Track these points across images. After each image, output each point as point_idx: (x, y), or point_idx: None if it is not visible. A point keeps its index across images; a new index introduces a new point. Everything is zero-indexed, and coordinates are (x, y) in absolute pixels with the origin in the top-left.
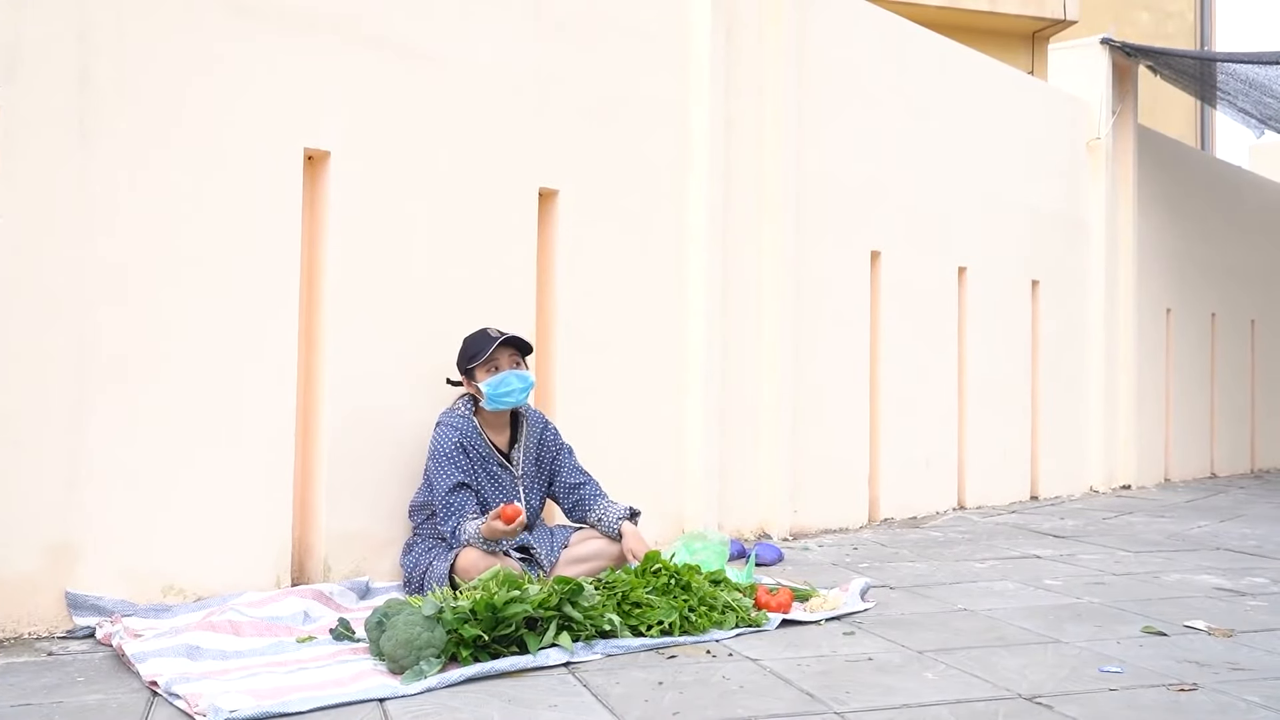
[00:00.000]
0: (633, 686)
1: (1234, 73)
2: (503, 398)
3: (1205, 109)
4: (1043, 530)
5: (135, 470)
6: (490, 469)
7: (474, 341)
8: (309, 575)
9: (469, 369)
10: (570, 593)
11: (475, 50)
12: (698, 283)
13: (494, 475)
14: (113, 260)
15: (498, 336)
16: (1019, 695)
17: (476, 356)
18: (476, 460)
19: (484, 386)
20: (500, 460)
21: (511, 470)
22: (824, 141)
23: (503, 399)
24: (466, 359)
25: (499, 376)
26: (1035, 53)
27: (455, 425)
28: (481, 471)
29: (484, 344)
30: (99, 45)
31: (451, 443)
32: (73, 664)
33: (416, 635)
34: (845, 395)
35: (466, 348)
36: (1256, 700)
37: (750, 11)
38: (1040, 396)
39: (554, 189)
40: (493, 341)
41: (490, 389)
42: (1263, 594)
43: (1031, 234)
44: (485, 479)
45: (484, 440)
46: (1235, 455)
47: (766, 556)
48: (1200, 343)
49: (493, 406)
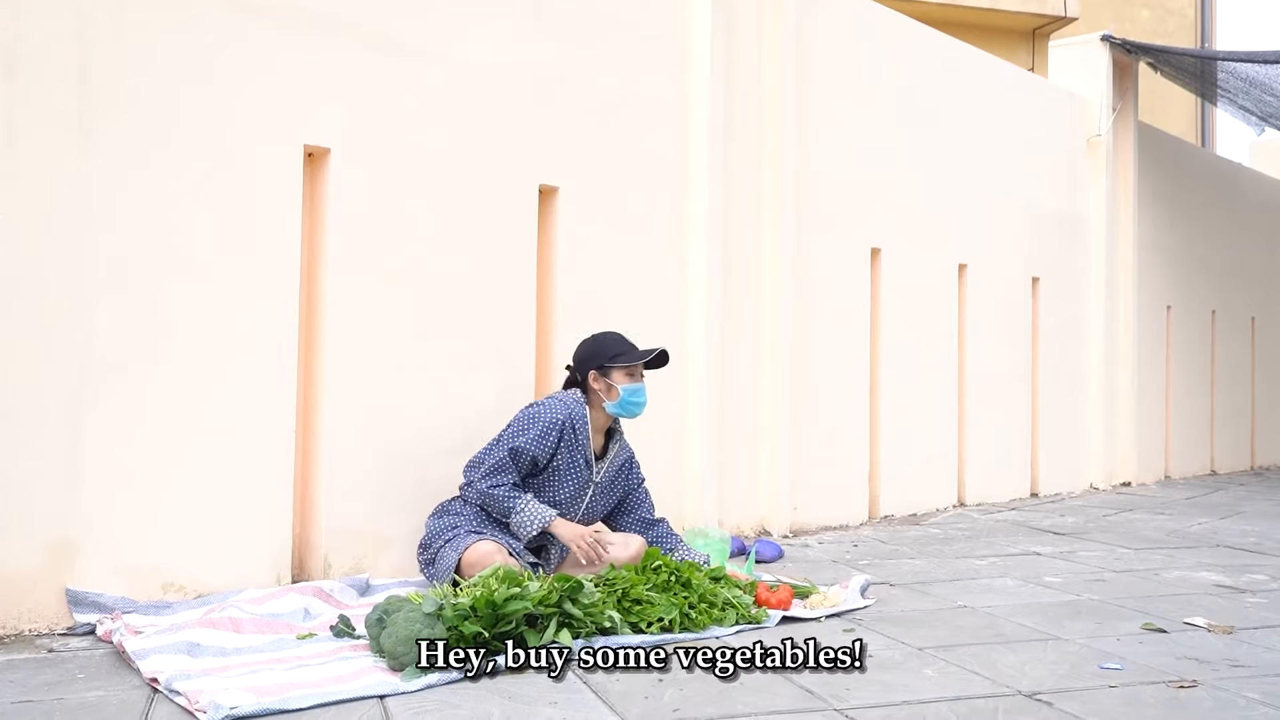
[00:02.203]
0: (633, 683)
1: (1234, 70)
2: (633, 407)
3: (1205, 106)
4: (1043, 527)
5: (135, 467)
6: (577, 458)
7: (617, 342)
8: (309, 572)
9: (607, 366)
10: (570, 590)
11: (475, 48)
12: (698, 279)
13: (577, 466)
14: (112, 257)
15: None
16: (1019, 692)
17: (621, 358)
18: (571, 445)
19: (622, 390)
20: (589, 457)
21: (593, 471)
22: (824, 138)
23: (632, 408)
24: (607, 356)
25: (638, 385)
26: (1035, 50)
27: (568, 405)
28: (567, 456)
29: (629, 348)
30: (98, 43)
31: (556, 417)
32: (73, 661)
33: (417, 632)
34: (845, 392)
35: (607, 345)
36: (1256, 697)
37: (750, 8)
38: (1040, 393)
39: (554, 186)
40: (639, 351)
41: (627, 394)
42: (1262, 591)
43: (1031, 231)
44: (568, 464)
45: (588, 430)
46: (1235, 452)
47: (767, 553)
48: (1200, 340)
49: (619, 411)
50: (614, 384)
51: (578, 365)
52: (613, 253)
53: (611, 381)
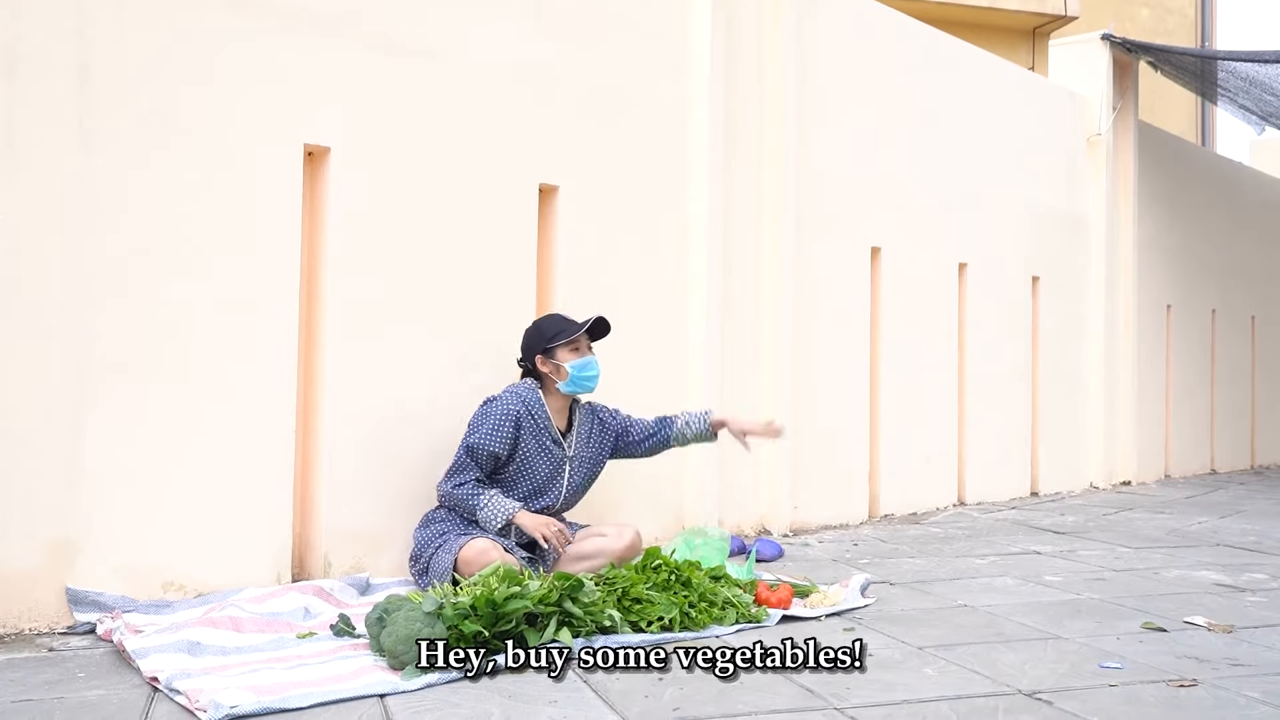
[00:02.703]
0: (633, 682)
1: (1234, 70)
2: (586, 380)
3: (1206, 105)
4: (1043, 526)
5: (135, 466)
6: (543, 440)
7: (554, 322)
8: (309, 571)
9: (549, 348)
10: (570, 589)
11: (475, 47)
12: (698, 277)
13: (545, 447)
14: (112, 257)
15: (578, 320)
16: (1019, 691)
17: (560, 336)
18: (532, 431)
19: (570, 366)
20: (556, 436)
21: (564, 448)
22: (824, 137)
23: (586, 381)
24: (547, 338)
25: (585, 359)
26: (1036, 49)
27: (519, 394)
28: (534, 441)
29: (567, 325)
30: (98, 43)
31: (509, 409)
32: (73, 660)
33: (417, 631)
34: (845, 391)
35: (545, 327)
36: (1256, 696)
37: (750, 8)
38: (1040, 392)
39: (554, 185)
40: (576, 325)
41: (576, 370)
42: (1262, 590)
43: (1031, 230)
44: (536, 449)
45: (546, 412)
46: (1235, 451)
47: (767, 552)
48: (1200, 339)
49: (572, 389)
50: (561, 363)
51: (524, 354)
52: (613, 252)
53: (558, 361)
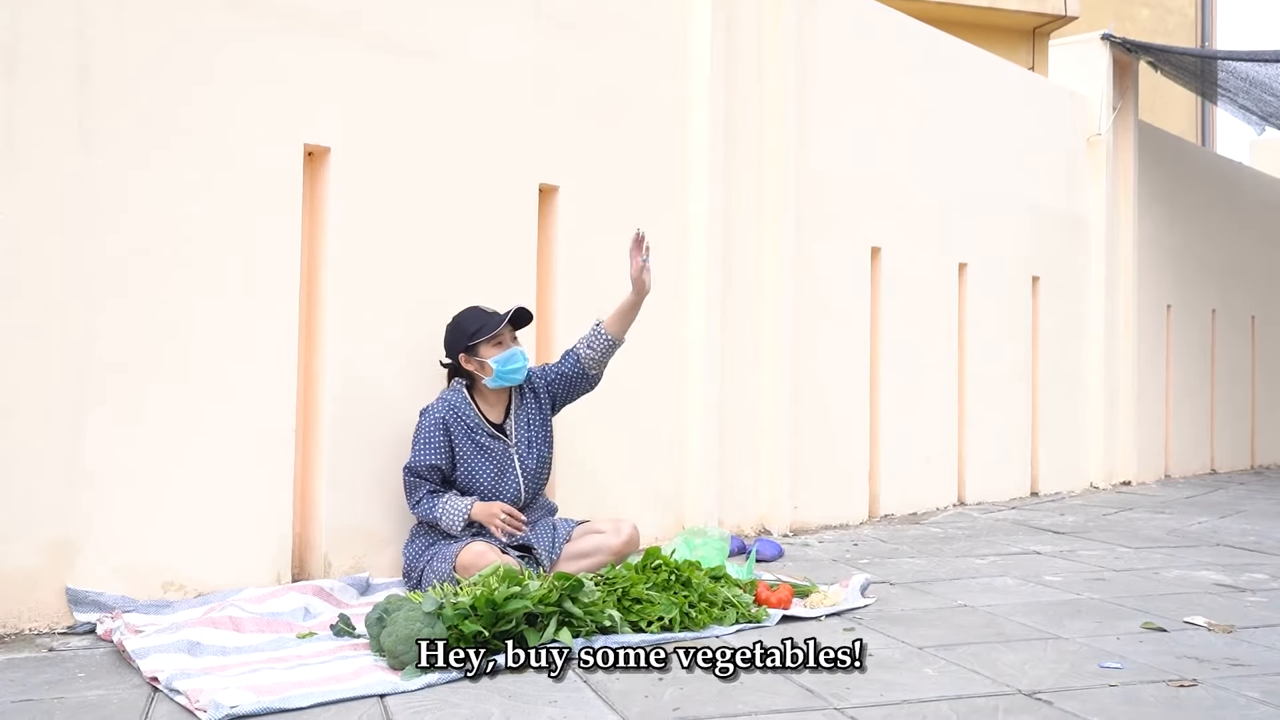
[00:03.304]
0: (633, 682)
1: (1234, 70)
2: (512, 374)
3: (1206, 105)
4: (1043, 526)
5: (135, 466)
6: (478, 439)
7: (473, 318)
8: (309, 571)
9: (472, 345)
10: (570, 589)
11: (475, 47)
12: (698, 278)
13: (482, 445)
14: (112, 257)
15: (499, 311)
16: (1019, 691)
17: (481, 332)
18: (462, 433)
19: (494, 363)
20: (491, 431)
21: (505, 440)
22: (824, 138)
23: (512, 375)
24: (468, 336)
25: (509, 352)
26: (1036, 49)
27: (442, 401)
28: (468, 443)
29: (488, 320)
30: (98, 43)
31: (431, 421)
32: (73, 660)
33: (417, 631)
34: (845, 391)
35: (465, 324)
36: (1256, 696)
37: (750, 8)
38: (1040, 392)
39: (554, 185)
40: (498, 317)
41: (500, 365)
42: (1262, 590)
43: (1031, 230)
44: (472, 450)
45: (473, 410)
46: (1235, 451)
47: (767, 552)
48: (1200, 339)
49: (499, 383)
50: (484, 360)
51: (448, 354)
52: (613, 251)
53: (482, 359)
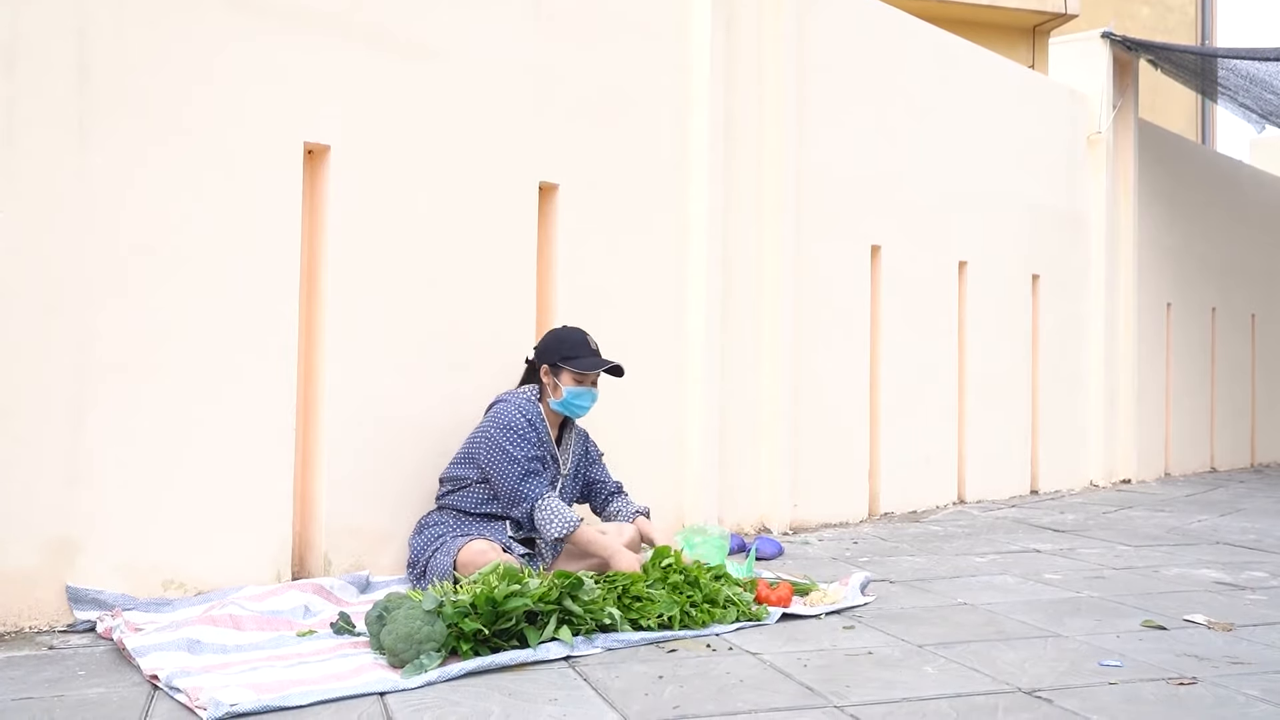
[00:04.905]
0: (633, 680)
1: (1235, 68)
2: (575, 409)
3: (1206, 103)
4: (1042, 525)
5: (135, 465)
6: (545, 456)
7: (575, 343)
8: (309, 569)
9: (559, 365)
10: (570, 587)
11: (475, 45)
12: (698, 276)
13: (545, 463)
14: (112, 256)
15: (601, 358)
16: (1019, 689)
17: (574, 361)
18: (537, 444)
19: (567, 391)
20: (554, 452)
21: (560, 465)
22: (824, 137)
23: (575, 409)
24: (560, 355)
25: (585, 390)
26: (1036, 47)
27: (523, 407)
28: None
29: (587, 354)
30: (98, 42)
31: (525, 418)
32: (73, 658)
33: (417, 629)
34: (845, 389)
35: (566, 341)
36: (1256, 694)
37: (750, 8)
38: (1040, 391)
39: (554, 183)
40: (597, 361)
41: (571, 396)
42: (1262, 588)
43: (1031, 228)
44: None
45: (545, 425)
46: (1235, 450)
47: (766, 551)
48: (1200, 337)
49: (560, 409)
50: (560, 384)
51: (538, 356)
52: (613, 251)
53: (559, 381)
